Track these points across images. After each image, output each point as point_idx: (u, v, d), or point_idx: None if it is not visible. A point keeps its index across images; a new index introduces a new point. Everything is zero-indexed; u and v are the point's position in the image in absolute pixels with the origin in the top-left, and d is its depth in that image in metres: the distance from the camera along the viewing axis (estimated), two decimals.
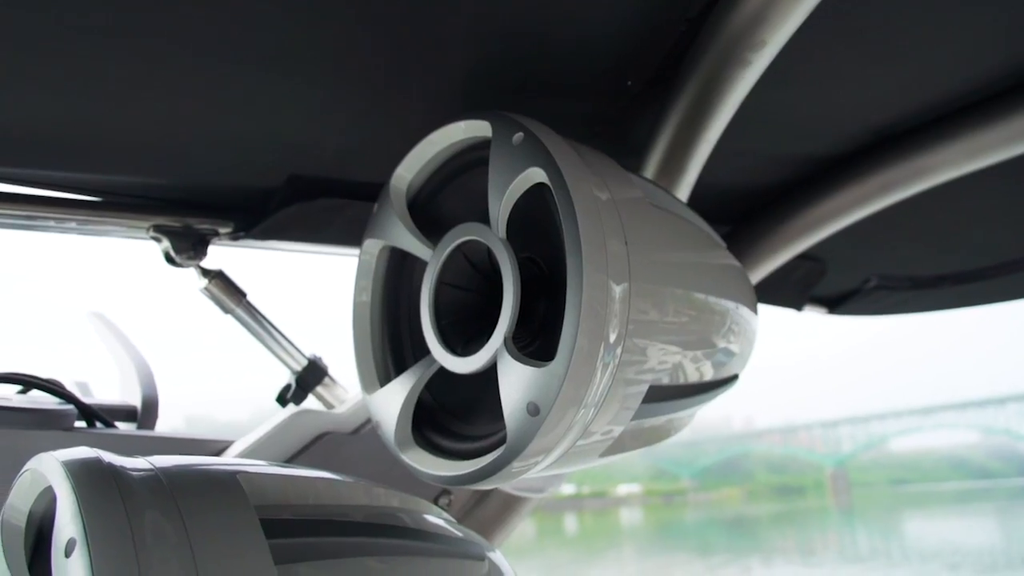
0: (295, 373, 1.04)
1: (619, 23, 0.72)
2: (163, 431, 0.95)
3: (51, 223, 0.87)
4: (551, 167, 0.58)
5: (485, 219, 0.63)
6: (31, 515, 0.57)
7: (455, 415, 0.69)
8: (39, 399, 0.88)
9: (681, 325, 0.65)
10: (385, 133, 0.83)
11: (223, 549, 0.49)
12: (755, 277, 1.14)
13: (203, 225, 0.92)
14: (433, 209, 0.72)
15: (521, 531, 1.12)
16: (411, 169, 0.72)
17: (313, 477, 0.64)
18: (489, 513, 1.06)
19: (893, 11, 0.75)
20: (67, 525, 0.47)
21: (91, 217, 0.88)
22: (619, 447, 0.66)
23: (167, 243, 0.90)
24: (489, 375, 0.61)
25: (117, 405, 0.97)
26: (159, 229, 0.90)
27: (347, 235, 0.96)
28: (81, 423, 0.89)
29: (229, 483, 0.55)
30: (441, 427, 0.69)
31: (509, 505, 1.07)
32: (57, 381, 0.89)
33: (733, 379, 0.78)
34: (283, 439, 0.93)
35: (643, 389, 0.62)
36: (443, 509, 0.72)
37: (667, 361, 0.64)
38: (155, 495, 0.50)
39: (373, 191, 0.75)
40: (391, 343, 0.75)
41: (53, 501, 0.54)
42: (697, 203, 0.81)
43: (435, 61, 0.74)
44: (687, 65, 0.76)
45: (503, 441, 0.59)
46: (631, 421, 0.63)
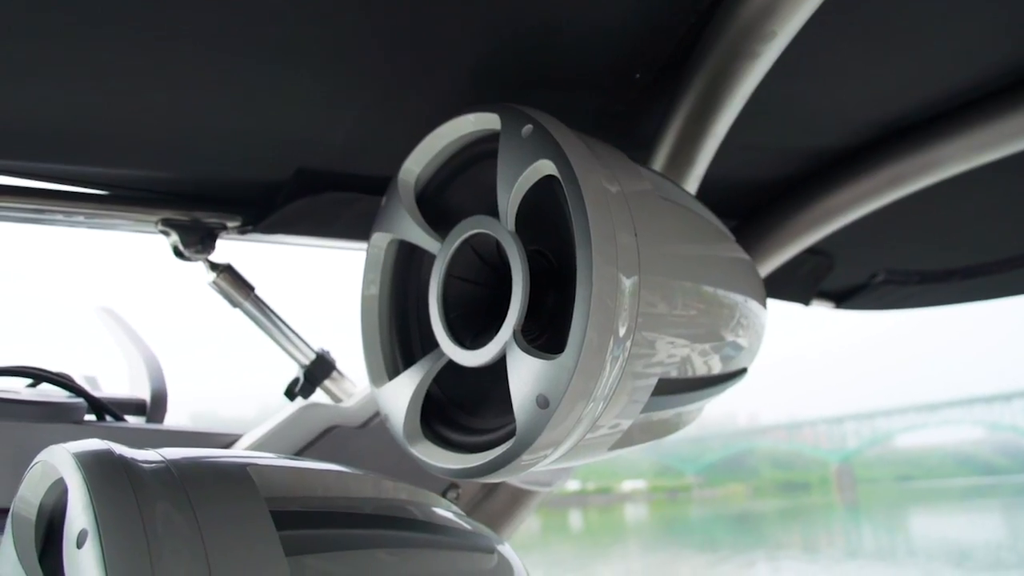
0: (303, 367, 1.04)
1: (628, 15, 0.71)
2: (172, 424, 0.96)
3: (59, 216, 0.87)
4: (560, 159, 0.58)
5: (494, 212, 0.63)
6: (42, 507, 0.57)
7: (464, 408, 0.69)
8: (49, 392, 0.88)
9: (690, 318, 0.65)
10: (393, 127, 0.83)
11: (234, 540, 0.49)
12: (762, 271, 1.14)
13: (211, 219, 0.92)
14: (441, 202, 0.72)
15: (526, 527, 1.12)
16: (419, 162, 0.71)
17: (322, 470, 0.64)
18: (497, 507, 1.07)
19: (902, 4, 0.75)
20: (79, 516, 0.47)
21: (99, 210, 0.88)
22: (628, 440, 0.66)
23: (176, 237, 0.90)
24: (498, 368, 0.61)
25: (126, 399, 0.97)
26: (168, 223, 0.90)
27: (355, 229, 0.96)
28: (91, 416, 0.90)
29: (239, 475, 0.55)
30: (450, 420, 0.69)
31: (517, 499, 1.07)
32: (66, 375, 0.89)
33: (742, 372, 0.78)
34: (291, 433, 0.94)
35: (652, 382, 0.62)
36: (451, 503, 0.72)
37: (676, 354, 0.64)
38: (166, 487, 0.50)
39: (381, 185, 0.75)
40: (399, 336, 0.75)
41: (64, 493, 0.54)
42: (704, 197, 0.81)
43: (443, 55, 0.74)
44: (696, 57, 0.75)
45: (512, 434, 0.58)
46: (640, 414, 0.63)
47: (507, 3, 0.68)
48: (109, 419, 0.91)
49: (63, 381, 0.88)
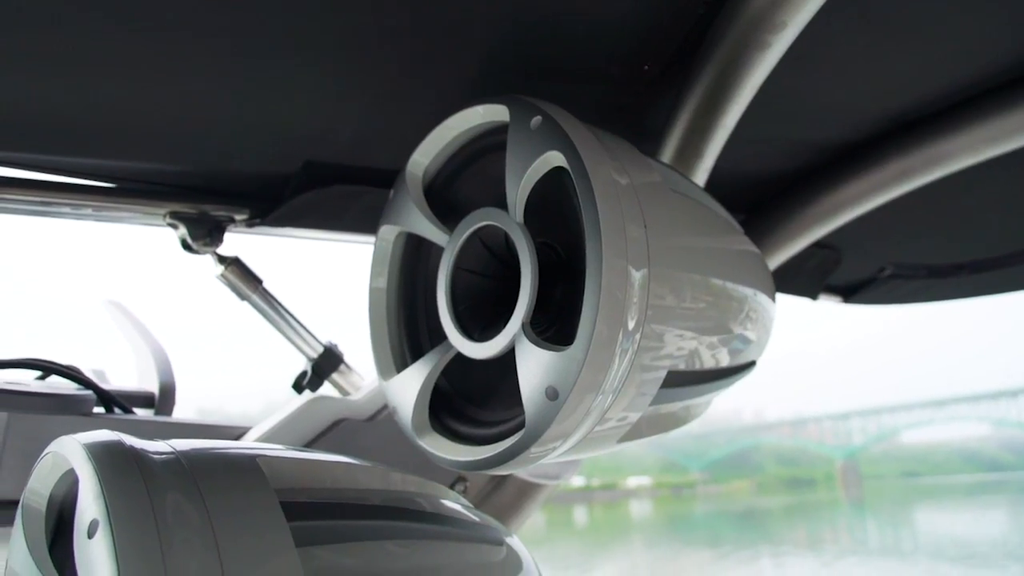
0: (311, 360, 1.04)
1: (636, 6, 0.71)
2: (181, 417, 0.96)
3: (67, 209, 0.87)
4: (570, 150, 0.58)
5: (502, 204, 0.63)
6: (51, 499, 0.57)
7: (472, 401, 0.69)
8: (58, 385, 0.88)
9: (699, 311, 0.64)
10: (400, 119, 0.83)
11: (244, 530, 0.49)
12: (770, 265, 1.14)
13: (219, 212, 0.92)
14: (449, 195, 0.72)
15: (531, 522, 1.12)
16: (427, 154, 0.71)
17: (331, 461, 0.64)
18: (504, 500, 1.07)
19: None
20: (89, 507, 0.47)
21: (107, 203, 0.88)
22: (636, 433, 0.66)
23: (184, 229, 0.90)
24: (506, 361, 0.60)
25: (135, 391, 0.98)
26: (175, 216, 0.90)
27: (363, 222, 0.96)
28: (99, 409, 0.90)
29: (249, 466, 0.55)
30: (458, 413, 0.69)
31: (524, 492, 1.07)
32: (75, 367, 0.89)
33: (751, 365, 0.78)
34: (300, 425, 0.94)
35: (661, 375, 0.62)
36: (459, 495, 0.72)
37: (685, 347, 0.64)
38: (176, 477, 0.50)
39: (389, 178, 0.75)
40: (407, 329, 0.75)
41: (74, 484, 0.54)
42: (712, 190, 0.81)
43: (451, 47, 0.74)
44: (705, 48, 0.75)
45: (521, 426, 0.58)
46: (649, 407, 0.63)
47: None
48: (118, 411, 0.91)
49: (72, 373, 0.88)
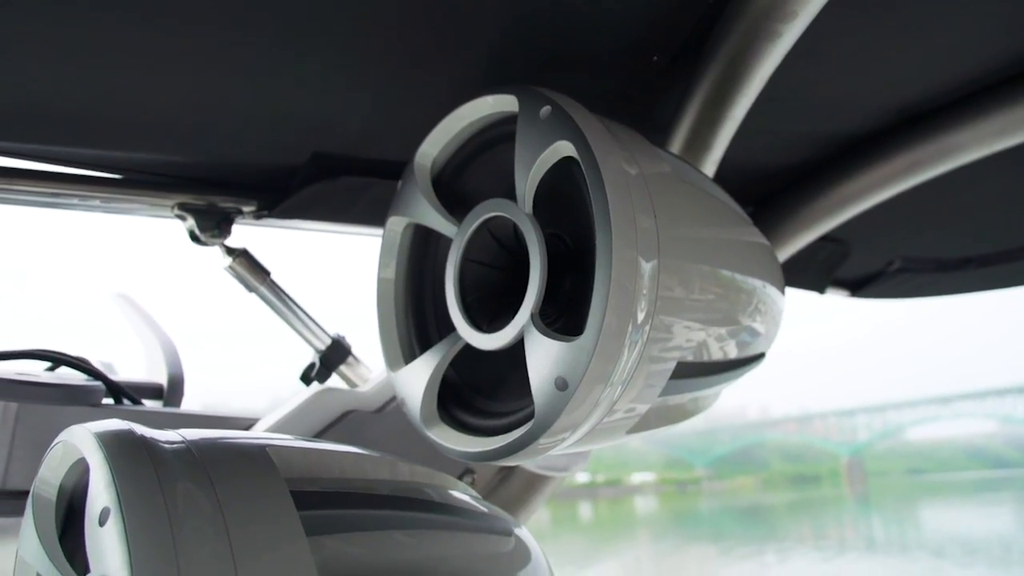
0: (319, 352, 1.04)
1: None
2: (189, 408, 0.96)
3: (75, 201, 0.87)
4: (579, 140, 0.57)
5: (511, 195, 0.62)
6: (62, 488, 0.57)
7: (480, 392, 0.69)
8: (67, 376, 0.89)
9: (709, 302, 0.64)
10: (409, 111, 0.83)
11: (255, 518, 0.49)
12: (778, 258, 1.13)
13: (227, 203, 0.92)
14: (458, 186, 0.72)
15: (536, 518, 1.12)
16: (436, 145, 0.71)
17: (341, 451, 0.64)
18: (512, 492, 1.06)
19: None
20: (101, 494, 0.47)
21: (115, 194, 0.88)
22: (645, 424, 0.66)
23: (192, 221, 0.90)
24: (515, 352, 0.60)
25: (143, 383, 0.98)
26: (184, 207, 0.90)
27: (371, 215, 0.96)
28: (108, 400, 0.90)
29: (259, 455, 0.55)
30: (466, 404, 0.69)
31: (532, 484, 1.07)
32: (84, 359, 0.90)
33: (759, 357, 0.78)
34: (308, 417, 0.94)
35: (670, 366, 0.62)
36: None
37: (694, 338, 0.64)
38: (187, 466, 0.50)
39: (397, 169, 0.75)
40: (415, 320, 0.75)
41: (85, 473, 0.54)
42: (719, 182, 0.81)
43: (459, 38, 0.74)
44: (715, 38, 0.75)
45: (529, 417, 0.58)
46: (657, 398, 0.63)
47: None
48: (127, 403, 0.91)
49: (81, 364, 0.89)
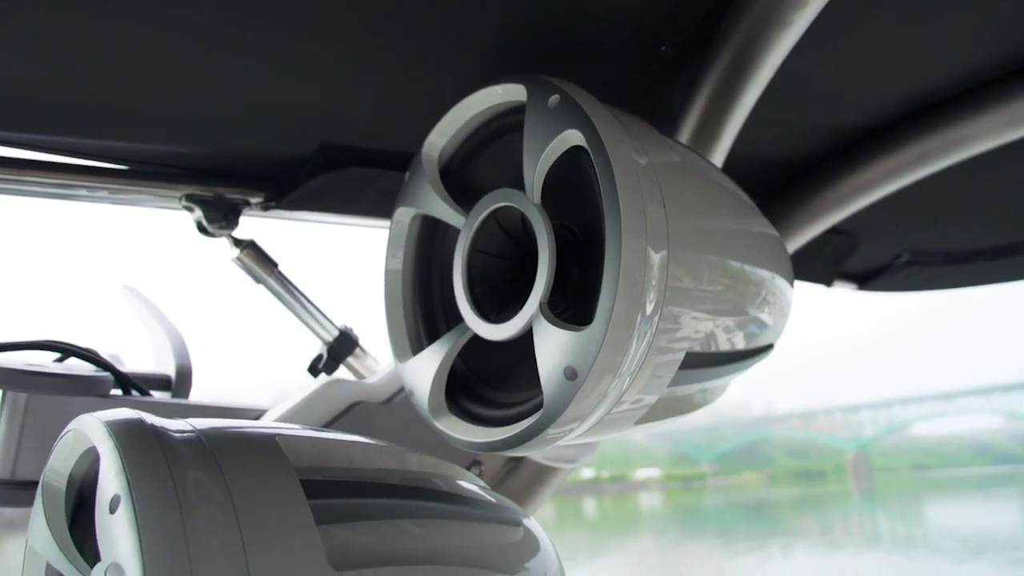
0: (326, 344, 1.04)
1: None
2: (197, 399, 0.96)
3: (83, 192, 0.87)
4: (589, 129, 0.57)
5: (519, 186, 0.62)
6: (72, 477, 0.57)
7: (489, 383, 0.69)
8: (76, 367, 0.89)
9: (718, 293, 0.64)
10: (416, 101, 0.83)
11: (265, 506, 0.49)
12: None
13: (234, 195, 0.92)
14: (466, 176, 0.72)
15: (540, 514, 1.12)
16: (444, 135, 0.71)
17: (349, 441, 0.64)
18: (520, 483, 1.06)
19: None
20: (111, 482, 0.47)
21: (123, 185, 0.88)
22: (653, 415, 0.66)
23: (199, 212, 0.90)
24: (523, 342, 0.60)
25: (151, 374, 0.98)
26: (191, 199, 0.90)
27: (378, 206, 0.96)
28: (117, 391, 0.90)
29: (268, 444, 0.55)
30: (475, 394, 0.69)
31: (540, 476, 1.07)
32: (93, 350, 0.90)
33: (768, 348, 0.77)
34: (316, 408, 0.94)
35: (679, 357, 0.62)
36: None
37: (703, 329, 0.64)
38: (197, 454, 0.50)
39: (404, 160, 0.75)
40: (423, 311, 0.75)
41: (94, 462, 0.54)
42: (727, 174, 0.80)
43: (466, 28, 0.73)
44: (725, 26, 0.74)
45: (538, 407, 0.58)
46: (666, 389, 0.63)
47: None
48: (135, 394, 0.91)
49: (90, 355, 0.89)
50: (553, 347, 0.57)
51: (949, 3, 0.78)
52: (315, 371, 1.04)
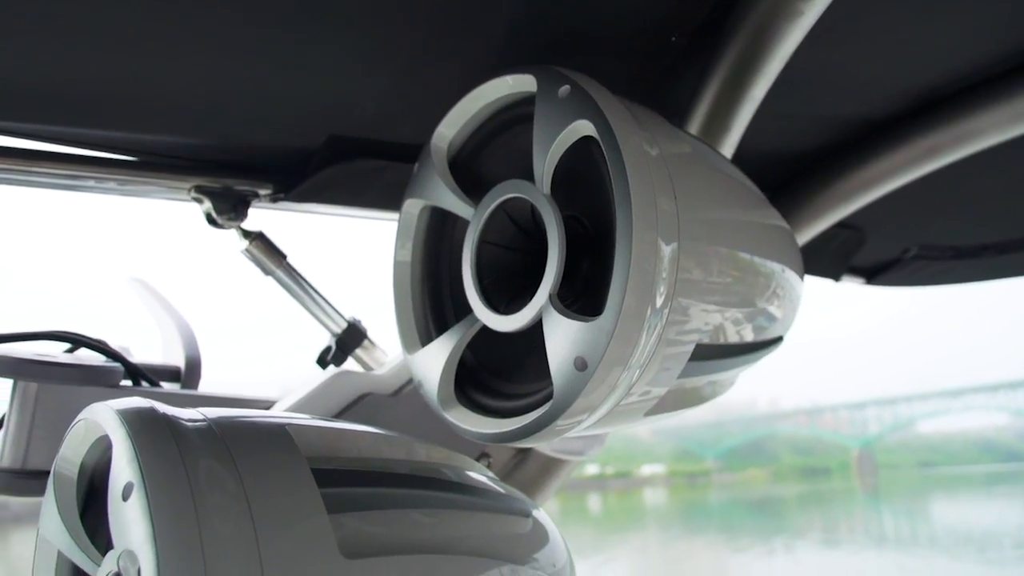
0: (335, 335, 1.04)
1: None
2: (207, 390, 0.96)
3: (91, 183, 0.87)
4: (599, 119, 0.57)
5: (528, 177, 0.62)
6: (83, 466, 0.58)
7: (498, 374, 0.69)
8: (86, 357, 0.89)
9: (728, 285, 0.64)
10: (425, 93, 0.83)
11: (277, 494, 0.49)
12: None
13: (243, 186, 0.92)
14: (475, 168, 0.72)
15: (545, 509, 1.12)
16: (453, 126, 0.71)
17: (359, 431, 0.64)
18: (528, 475, 1.06)
19: None
20: (124, 470, 0.48)
21: (132, 176, 0.88)
22: (662, 407, 0.66)
23: (208, 204, 0.91)
24: (532, 334, 0.60)
25: (161, 365, 0.98)
26: (200, 190, 0.90)
27: (387, 198, 0.96)
28: (127, 382, 0.90)
29: (279, 433, 0.55)
30: (484, 386, 0.69)
31: (548, 468, 1.07)
32: (103, 340, 0.90)
33: (777, 341, 0.77)
34: (324, 400, 0.94)
35: (688, 349, 0.62)
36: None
37: (713, 321, 0.64)
38: (208, 442, 0.50)
39: (413, 152, 0.75)
40: (432, 303, 0.75)
41: (106, 450, 0.55)
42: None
43: (474, 19, 0.73)
44: (735, 17, 0.74)
45: (547, 399, 0.58)
46: (676, 380, 0.63)
47: None
48: (145, 384, 0.92)
49: (100, 346, 0.89)
50: (563, 338, 0.57)
51: None
52: (323, 363, 1.04)
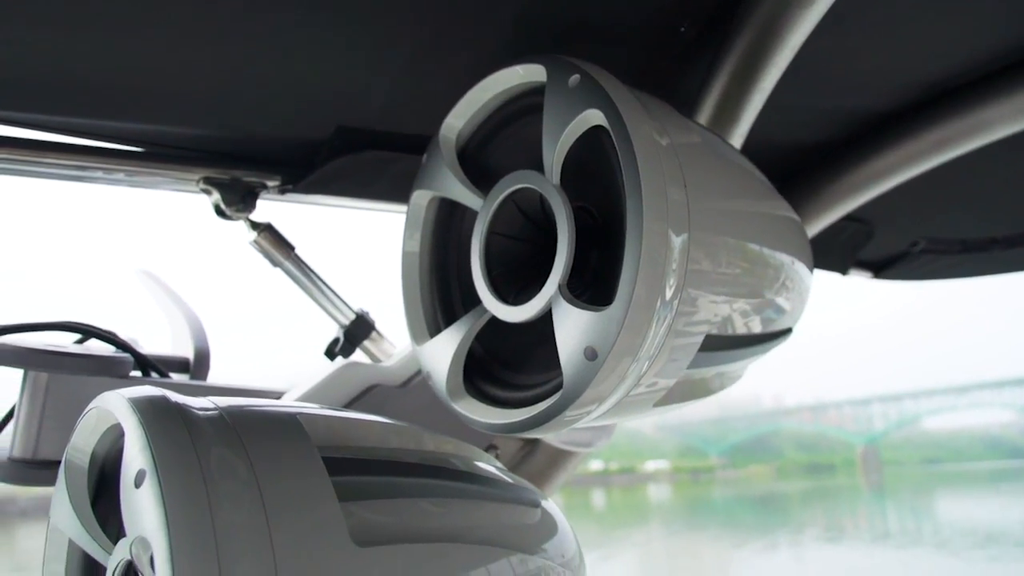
0: (343, 327, 1.04)
1: None
2: (216, 382, 0.96)
3: (100, 174, 0.88)
4: (610, 109, 0.57)
5: (537, 168, 0.62)
6: (94, 455, 0.58)
7: (507, 365, 0.69)
8: (96, 348, 0.89)
9: (737, 276, 0.64)
10: (433, 83, 0.83)
11: (288, 482, 0.49)
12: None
13: (251, 178, 0.92)
14: (483, 158, 0.72)
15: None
16: (462, 117, 0.71)
17: (369, 420, 0.64)
18: (536, 467, 1.07)
19: None
20: (136, 457, 0.48)
21: (141, 168, 0.88)
22: (672, 398, 0.66)
23: (217, 195, 0.91)
24: (541, 324, 0.60)
25: (170, 356, 0.99)
26: (209, 181, 0.90)
27: (395, 189, 0.96)
28: (136, 373, 0.91)
29: (290, 422, 0.55)
30: (493, 377, 0.69)
31: (556, 460, 1.07)
32: (113, 331, 0.90)
33: (786, 332, 0.77)
34: (333, 391, 0.94)
35: (698, 340, 0.62)
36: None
37: (722, 312, 0.64)
38: (220, 430, 0.51)
39: (422, 143, 0.75)
40: (440, 294, 0.75)
41: (118, 439, 0.55)
42: None
43: (482, 10, 0.73)
44: (745, 7, 0.74)
45: (556, 389, 0.58)
46: (685, 371, 0.63)
47: None
48: (154, 375, 0.92)
49: (110, 337, 0.89)
50: (573, 328, 0.57)
51: None
52: (332, 354, 1.04)
